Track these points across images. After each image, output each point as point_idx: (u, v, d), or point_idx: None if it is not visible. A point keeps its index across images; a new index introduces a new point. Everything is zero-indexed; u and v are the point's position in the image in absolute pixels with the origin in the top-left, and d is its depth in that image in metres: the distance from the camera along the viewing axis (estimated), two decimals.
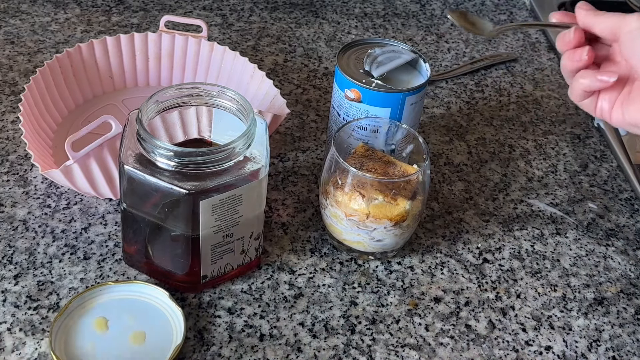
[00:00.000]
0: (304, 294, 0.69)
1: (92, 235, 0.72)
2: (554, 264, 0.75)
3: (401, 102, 0.72)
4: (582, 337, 0.68)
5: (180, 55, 0.87)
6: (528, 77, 1.02)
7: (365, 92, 0.71)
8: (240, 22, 1.06)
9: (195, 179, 0.60)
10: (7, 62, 0.92)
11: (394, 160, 0.72)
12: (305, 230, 0.75)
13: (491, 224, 0.78)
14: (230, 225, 0.64)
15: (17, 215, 0.73)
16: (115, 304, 0.65)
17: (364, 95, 0.71)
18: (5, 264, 0.68)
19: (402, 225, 0.69)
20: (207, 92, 0.66)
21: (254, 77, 0.85)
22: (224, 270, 0.67)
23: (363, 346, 0.65)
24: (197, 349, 0.63)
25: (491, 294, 0.71)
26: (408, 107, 0.72)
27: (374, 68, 0.72)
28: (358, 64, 0.74)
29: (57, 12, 1.03)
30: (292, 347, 0.64)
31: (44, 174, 0.70)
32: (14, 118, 0.84)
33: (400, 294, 0.70)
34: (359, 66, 0.73)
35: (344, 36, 1.05)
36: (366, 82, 0.71)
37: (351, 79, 0.71)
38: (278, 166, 0.82)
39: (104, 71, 0.86)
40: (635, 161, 0.87)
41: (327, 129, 0.87)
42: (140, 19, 1.03)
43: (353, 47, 0.76)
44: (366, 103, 0.72)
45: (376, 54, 0.74)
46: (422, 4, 1.15)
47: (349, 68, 0.73)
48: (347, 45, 0.76)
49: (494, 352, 0.66)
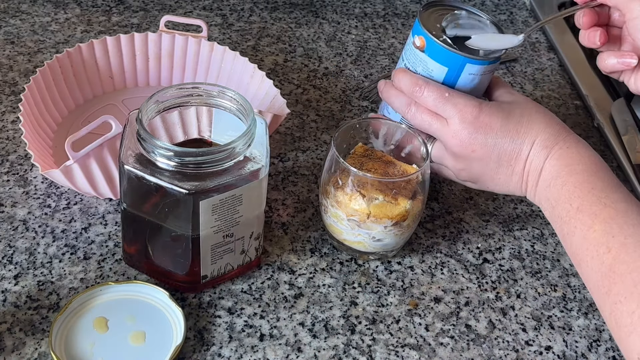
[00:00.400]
0: (304, 294, 0.69)
1: (92, 235, 0.72)
2: (554, 264, 0.75)
3: (459, 66, 0.70)
4: (582, 337, 0.68)
5: (180, 55, 0.87)
6: (528, 77, 1.02)
7: (430, 43, 0.70)
8: (240, 22, 1.06)
9: (195, 179, 0.60)
10: (7, 62, 0.92)
11: (394, 160, 0.72)
12: (305, 230, 0.75)
13: (491, 224, 0.78)
14: (230, 225, 0.64)
15: (17, 215, 0.73)
16: (115, 304, 0.65)
17: (428, 45, 0.70)
18: (5, 264, 0.68)
19: (402, 225, 0.69)
20: (207, 92, 0.66)
21: (254, 77, 0.85)
22: (224, 270, 0.67)
23: (363, 346, 0.65)
24: (197, 349, 0.63)
25: (491, 294, 0.71)
26: (466, 76, 0.71)
27: (450, 27, 0.71)
28: (439, 19, 0.73)
29: (57, 12, 1.03)
30: (292, 347, 0.64)
31: (44, 174, 0.70)
32: (14, 118, 0.84)
33: (401, 294, 0.70)
34: (439, 20, 0.72)
35: (344, 36, 1.05)
36: (435, 35, 0.70)
37: (423, 26, 0.70)
38: (278, 166, 0.82)
39: (104, 71, 0.86)
40: (635, 161, 0.87)
41: (327, 129, 0.87)
42: (140, 19, 1.03)
43: (445, 6, 0.75)
44: (428, 54, 0.70)
45: (460, 17, 0.73)
46: (422, 4, 1.15)
47: (428, 18, 0.72)
48: (436, 2, 0.75)
49: (494, 352, 0.66)
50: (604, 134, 0.92)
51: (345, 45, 1.03)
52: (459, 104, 0.69)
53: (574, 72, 1.02)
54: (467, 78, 0.71)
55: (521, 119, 0.68)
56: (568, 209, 0.63)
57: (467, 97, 0.69)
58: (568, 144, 0.66)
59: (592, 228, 0.60)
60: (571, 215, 0.62)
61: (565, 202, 0.63)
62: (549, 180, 0.66)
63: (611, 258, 0.58)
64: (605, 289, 0.58)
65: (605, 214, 0.60)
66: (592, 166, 0.64)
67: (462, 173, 0.72)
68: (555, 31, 1.10)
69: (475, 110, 0.68)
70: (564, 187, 0.64)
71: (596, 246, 0.59)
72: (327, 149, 0.72)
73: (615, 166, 0.88)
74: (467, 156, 0.69)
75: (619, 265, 0.57)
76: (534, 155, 0.67)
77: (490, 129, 0.68)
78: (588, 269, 0.60)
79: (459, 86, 0.71)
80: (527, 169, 0.68)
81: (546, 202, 0.66)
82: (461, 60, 0.70)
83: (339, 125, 0.82)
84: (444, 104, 0.69)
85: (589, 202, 0.62)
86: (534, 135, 0.67)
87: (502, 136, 0.68)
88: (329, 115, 0.90)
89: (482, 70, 0.71)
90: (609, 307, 0.57)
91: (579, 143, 0.67)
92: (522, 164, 0.68)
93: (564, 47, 1.06)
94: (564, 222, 0.63)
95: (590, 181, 0.63)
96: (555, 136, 0.67)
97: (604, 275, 0.58)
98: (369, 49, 1.03)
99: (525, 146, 0.67)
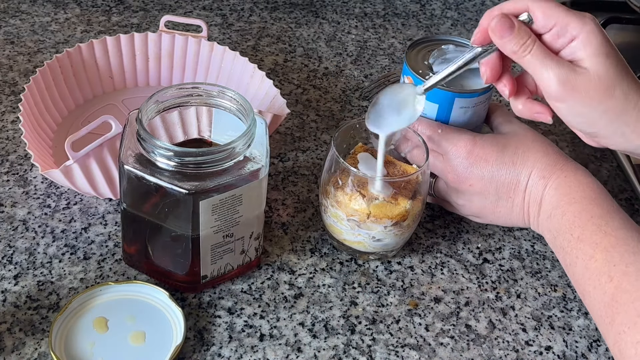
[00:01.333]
0: (304, 294, 0.69)
1: (92, 235, 0.72)
2: (554, 264, 0.75)
3: (449, 101, 0.71)
4: (582, 337, 0.68)
5: (180, 55, 0.87)
6: None
7: (417, 82, 0.70)
8: (240, 22, 1.06)
9: (195, 179, 0.60)
10: (7, 62, 0.92)
11: (394, 160, 0.72)
12: (305, 230, 0.75)
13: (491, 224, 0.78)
14: (230, 225, 0.64)
15: (17, 215, 0.73)
16: (115, 304, 0.65)
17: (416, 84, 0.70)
18: (5, 264, 0.68)
19: (402, 225, 0.69)
20: (207, 92, 0.66)
21: (254, 77, 0.85)
22: (224, 270, 0.67)
23: (363, 346, 0.65)
24: (197, 349, 0.63)
25: (491, 294, 0.71)
26: (457, 110, 0.71)
27: (437, 63, 0.72)
28: (427, 55, 0.73)
29: (57, 12, 1.03)
30: (292, 347, 0.64)
31: (44, 174, 0.70)
32: (14, 118, 0.84)
33: (401, 294, 0.70)
34: (426, 57, 0.73)
35: (344, 36, 1.05)
36: (422, 73, 0.71)
37: (409, 67, 0.71)
38: (278, 166, 0.82)
39: (104, 71, 0.86)
40: (635, 161, 0.87)
41: (327, 129, 0.87)
42: (140, 19, 1.03)
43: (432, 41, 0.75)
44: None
45: (447, 51, 0.73)
46: (422, 4, 1.15)
47: (415, 58, 0.73)
48: (422, 40, 0.75)
49: (494, 352, 0.66)
50: None
51: (345, 45, 1.03)
52: (452, 139, 0.69)
53: None
54: (459, 112, 0.72)
55: (516, 150, 0.68)
56: (569, 239, 0.63)
57: (461, 131, 0.70)
58: (565, 172, 0.66)
59: (593, 257, 0.60)
60: (572, 246, 0.62)
61: (566, 232, 0.63)
62: (549, 211, 0.66)
63: (613, 287, 0.57)
64: (608, 319, 0.57)
65: (606, 242, 0.60)
66: (590, 193, 0.64)
67: (463, 209, 0.72)
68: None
69: (469, 144, 0.68)
70: (564, 217, 0.64)
71: (598, 276, 0.59)
72: (327, 149, 0.72)
73: (615, 166, 0.88)
74: (465, 190, 0.70)
75: (621, 295, 0.57)
76: (532, 186, 0.67)
77: (485, 162, 0.68)
78: (591, 299, 0.60)
79: (452, 121, 0.72)
80: (526, 200, 0.68)
81: (548, 233, 0.66)
82: (449, 96, 0.71)
83: (339, 125, 0.82)
84: (438, 140, 0.70)
85: (589, 231, 0.61)
86: (531, 165, 0.67)
87: (498, 169, 0.68)
88: (329, 115, 0.90)
89: (474, 102, 0.72)
90: (612, 337, 0.57)
91: (577, 171, 0.66)
92: (521, 195, 0.68)
93: None
94: (566, 253, 0.63)
95: (588, 209, 0.63)
96: (552, 165, 0.67)
97: (607, 305, 0.57)
98: (369, 49, 1.03)
99: (523, 177, 0.67)
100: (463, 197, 0.71)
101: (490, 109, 0.75)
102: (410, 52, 0.74)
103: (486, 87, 0.71)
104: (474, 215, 0.73)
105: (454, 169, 0.69)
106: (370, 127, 0.67)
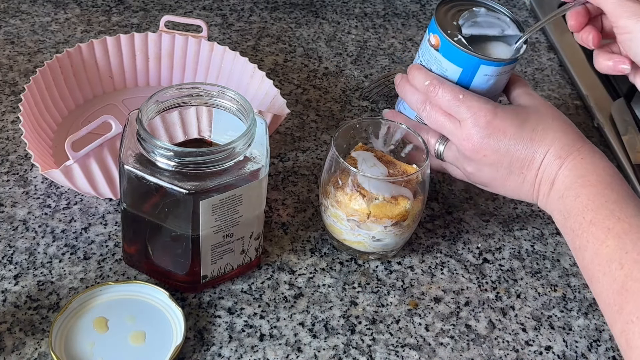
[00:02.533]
0: (304, 294, 0.69)
1: (92, 235, 0.72)
2: (554, 264, 0.75)
3: (474, 67, 0.69)
4: (582, 337, 0.68)
5: (180, 55, 0.87)
6: (528, 77, 1.02)
7: (444, 42, 0.69)
8: (240, 22, 1.06)
9: (195, 179, 0.60)
10: (7, 62, 0.92)
11: (394, 160, 0.72)
12: (305, 230, 0.75)
13: (491, 224, 0.78)
14: (230, 225, 0.64)
15: (17, 215, 0.73)
16: (115, 304, 0.65)
17: (442, 44, 0.69)
18: (5, 264, 0.68)
19: (402, 225, 0.69)
20: (207, 92, 0.66)
21: (254, 77, 0.85)
22: (224, 270, 0.67)
23: (363, 346, 0.65)
24: (197, 349, 0.63)
25: (491, 294, 0.71)
26: (481, 77, 0.70)
27: (466, 26, 0.70)
28: (457, 16, 0.71)
29: (57, 12, 1.03)
30: (292, 347, 0.64)
31: (44, 174, 0.70)
32: (14, 118, 0.84)
33: (401, 294, 0.70)
34: (456, 17, 0.71)
35: (344, 36, 1.05)
36: (450, 34, 0.69)
37: (438, 24, 0.69)
38: (278, 166, 0.82)
39: (104, 71, 0.86)
40: (635, 161, 0.87)
41: (327, 129, 0.87)
42: (140, 19, 1.03)
43: (464, 2, 0.73)
44: (442, 54, 0.70)
45: (477, 14, 0.71)
46: (422, 4, 1.15)
47: (445, 15, 0.71)
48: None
49: (494, 352, 0.66)
50: (604, 134, 0.92)
51: (345, 45, 1.03)
52: (473, 106, 0.68)
53: (574, 72, 1.02)
54: (482, 79, 0.70)
55: (536, 126, 0.67)
56: (581, 221, 0.62)
57: (482, 99, 0.68)
58: (583, 154, 0.65)
59: (604, 243, 0.59)
60: (584, 229, 0.61)
61: (578, 214, 0.62)
62: (561, 191, 0.65)
63: (624, 275, 0.56)
64: (617, 307, 0.56)
65: (619, 228, 0.59)
66: (606, 177, 0.63)
67: (472, 176, 0.71)
68: (555, 31, 1.10)
69: (489, 114, 0.67)
70: (577, 199, 0.63)
71: (608, 262, 0.58)
72: (327, 149, 0.72)
73: (615, 166, 0.88)
74: (478, 160, 0.69)
75: (632, 283, 0.56)
76: (546, 164, 0.66)
77: (503, 135, 0.67)
78: (600, 285, 0.59)
79: (473, 87, 0.70)
80: (539, 177, 0.67)
81: (558, 214, 0.65)
82: (475, 62, 0.69)
83: (339, 125, 0.82)
84: (458, 105, 0.68)
85: (602, 216, 0.60)
86: (548, 144, 0.66)
87: (515, 143, 0.67)
88: (329, 115, 0.90)
89: (498, 71, 0.70)
90: (620, 326, 0.56)
91: (595, 154, 0.65)
92: (534, 172, 0.67)
93: (564, 47, 1.06)
94: (576, 236, 0.62)
95: (604, 194, 0.62)
96: (569, 146, 0.66)
97: (616, 293, 0.57)
98: (369, 49, 1.03)
99: (539, 155, 0.66)
100: (474, 166, 0.69)
101: (510, 79, 0.73)
102: (441, 9, 0.71)
103: (513, 57, 0.70)
104: (482, 185, 0.72)
105: (470, 137, 0.68)
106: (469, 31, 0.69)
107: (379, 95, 0.93)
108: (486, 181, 0.70)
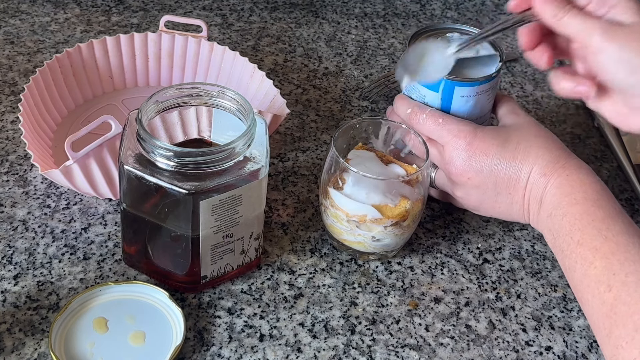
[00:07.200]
0: (304, 294, 0.69)
1: (92, 236, 0.72)
2: (554, 264, 0.75)
3: (449, 90, 0.69)
4: (582, 337, 0.68)
5: (180, 55, 0.87)
6: (528, 77, 1.02)
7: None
8: (240, 22, 1.06)
9: (195, 179, 0.60)
10: (7, 62, 0.92)
11: (394, 160, 0.72)
12: (305, 230, 0.75)
13: (491, 224, 0.78)
14: (230, 225, 0.64)
15: (17, 215, 0.73)
16: (115, 304, 0.65)
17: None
18: (5, 264, 0.68)
19: (402, 225, 0.68)
20: (207, 92, 0.66)
21: (254, 77, 0.85)
22: (224, 270, 0.67)
23: (363, 346, 0.65)
24: (197, 349, 0.63)
25: (491, 294, 0.71)
26: (458, 99, 0.70)
27: None
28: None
29: (57, 12, 1.03)
30: (292, 348, 0.64)
31: (44, 174, 0.70)
32: (14, 118, 0.84)
33: (401, 294, 0.70)
34: None
35: (344, 36, 1.05)
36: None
37: None
38: (278, 166, 0.82)
39: (104, 71, 0.86)
40: (635, 161, 0.87)
41: (327, 129, 0.87)
42: (140, 19, 1.03)
43: (436, 30, 0.74)
44: (419, 82, 0.70)
45: (451, 40, 0.71)
46: (422, 4, 1.15)
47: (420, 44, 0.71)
48: (425, 29, 0.74)
49: (494, 352, 0.66)
50: (604, 134, 0.92)
51: (345, 45, 1.03)
52: (452, 129, 0.68)
53: None
54: (460, 101, 0.70)
55: (518, 145, 0.66)
56: (569, 242, 0.61)
57: (462, 122, 0.68)
58: (568, 171, 0.64)
59: (592, 264, 0.58)
60: (572, 249, 0.61)
61: (566, 234, 0.62)
62: (549, 210, 0.64)
63: (612, 297, 0.56)
64: (606, 330, 0.56)
65: (606, 248, 0.58)
66: (593, 194, 0.62)
67: (462, 200, 0.71)
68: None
69: (469, 135, 0.67)
70: (565, 218, 0.62)
71: (597, 284, 0.58)
72: (327, 149, 0.72)
73: (615, 166, 0.88)
74: (463, 183, 0.68)
75: (620, 306, 0.55)
76: (532, 183, 0.65)
77: (485, 155, 0.67)
78: (589, 307, 0.59)
79: (454, 110, 0.71)
80: (527, 197, 0.66)
81: (548, 232, 0.65)
82: (449, 84, 0.69)
83: (339, 125, 0.82)
84: (439, 130, 0.69)
85: (589, 236, 0.60)
86: (532, 162, 0.65)
87: (498, 162, 0.66)
88: (329, 115, 0.90)
89: (474, 91, 0.70)
90: (610, 350, 0.56)
91: (580, 169, 0.64)
92: (521, 192, 0.66)
93: None
94: (565, 256, 0.62)
95: (590, 212, 0.61)
96: (554, 162, 0.65)
97: (605, 316, 0.56)
98: (369, 49, 1.03)
99: (524, 173, 0.66)
100: (461, 189, 0.70)
101: (497, 99, 0.73)
102: (415, 39, 0.72)
103: (487, 75, 0.70)
104: (473, 208, 0.72)
105: (452, 160, 0.68)
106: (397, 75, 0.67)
107: (379, 95, 0.93)
108: (475, 204, 0.70)
